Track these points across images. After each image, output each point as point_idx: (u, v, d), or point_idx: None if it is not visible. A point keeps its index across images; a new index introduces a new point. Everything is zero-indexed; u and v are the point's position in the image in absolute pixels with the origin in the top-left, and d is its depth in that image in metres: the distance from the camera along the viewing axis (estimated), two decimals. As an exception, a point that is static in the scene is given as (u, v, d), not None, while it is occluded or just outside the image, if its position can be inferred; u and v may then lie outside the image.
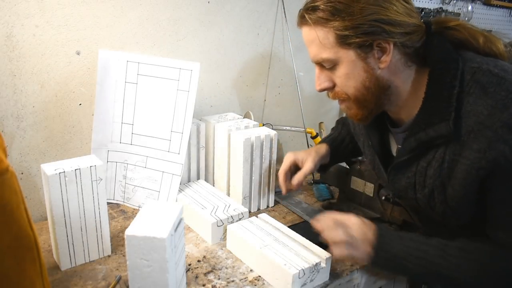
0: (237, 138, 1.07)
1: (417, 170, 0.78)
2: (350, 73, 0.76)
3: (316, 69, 0.81)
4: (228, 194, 1.17)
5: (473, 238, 0.75)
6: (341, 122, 1.16)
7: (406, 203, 0.91)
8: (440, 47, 0.76)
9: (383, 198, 1.00)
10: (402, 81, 0.78)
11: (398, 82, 0.77)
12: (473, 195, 0.72)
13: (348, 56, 0.74)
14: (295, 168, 1.05)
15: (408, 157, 0.79)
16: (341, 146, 1.10)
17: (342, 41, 0.73)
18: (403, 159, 0.80)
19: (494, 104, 0.66)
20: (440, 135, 0.71)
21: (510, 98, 0.66)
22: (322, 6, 0.73)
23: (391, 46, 0.73)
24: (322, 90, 0.81)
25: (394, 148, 0.89)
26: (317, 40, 0.75)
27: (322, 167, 1.09)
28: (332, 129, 1.19)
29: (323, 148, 1.07)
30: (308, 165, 1.01)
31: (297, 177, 1.01)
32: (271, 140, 1.12)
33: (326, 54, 0.75)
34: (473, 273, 0.72)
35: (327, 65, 0.77)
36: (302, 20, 0.77)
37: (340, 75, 0.77)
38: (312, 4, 0.74)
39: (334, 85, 0.80)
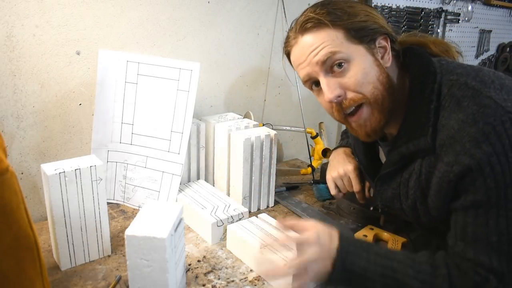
0: (237, 138, 1.07)
1: (401, 181, 0.78)
2: (365, 67, 0.73)
3: (322, 80, 0.75)
4: (228, 194, 1.17)
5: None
6: (345, 133, 1.15)
7: (395, 213, 0.91)
8: (418, 56, 0.77)
9: (371, 209, 0.99)
10: (397, 84, 0.78)
11: (396, 85, 0.77)
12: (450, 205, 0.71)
13: (359, 51, 0.74)
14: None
15: (392, 169, 0.79)
16: None
17: (351, 36, 0.73)
18: (387, 171, 0.80)
19: (465, 119, 0.66)
20: (419, 149, 0.72)
21: (481, 112, 0.65)
22: (322, 12, 0.74)
23: (389, 43, 0.76)
24: (335, 98, 0.74)
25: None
26: (327, 39, 0.73)
27: None
28: (342, 139, 1.16)
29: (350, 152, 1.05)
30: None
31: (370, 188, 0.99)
32: (271, 140, 1.12)
33: (339, 48, 0.73)
34: None
35: (338, 65, 0.73)
36: (305, 28, 0.75)
37: (355, 73, 0.73)
38: (311, 15, 0.74)
39: (345, 93, 0.75)
